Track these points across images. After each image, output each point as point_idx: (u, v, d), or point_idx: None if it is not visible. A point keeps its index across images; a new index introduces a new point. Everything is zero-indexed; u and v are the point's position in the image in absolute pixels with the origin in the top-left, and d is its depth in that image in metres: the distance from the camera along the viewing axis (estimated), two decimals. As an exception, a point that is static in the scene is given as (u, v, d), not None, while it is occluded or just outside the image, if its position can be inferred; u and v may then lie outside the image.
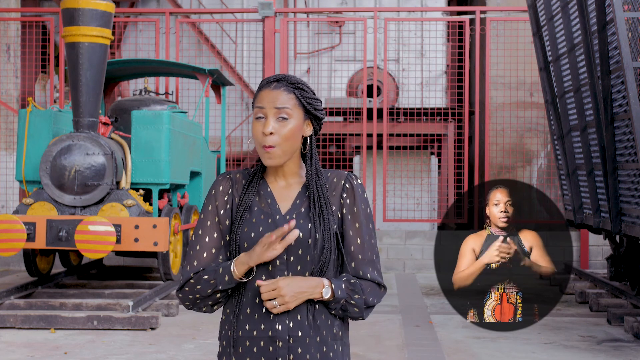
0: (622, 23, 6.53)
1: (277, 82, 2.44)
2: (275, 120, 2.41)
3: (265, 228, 2.43)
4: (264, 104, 2.42)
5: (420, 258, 11.95)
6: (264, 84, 2.46)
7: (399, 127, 13.20)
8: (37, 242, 8.18)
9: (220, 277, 2.41)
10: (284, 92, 2.43)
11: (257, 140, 2.42)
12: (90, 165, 8.47)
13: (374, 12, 12.74)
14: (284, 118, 2.41)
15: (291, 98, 2.43)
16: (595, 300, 8.72)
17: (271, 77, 2.47)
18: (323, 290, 2.39)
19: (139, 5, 15.40)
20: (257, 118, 2.43)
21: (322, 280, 2.40)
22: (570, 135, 8.80)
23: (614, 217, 7.41)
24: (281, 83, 2.44)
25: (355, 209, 2.49)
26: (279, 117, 2.41)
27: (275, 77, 2.46)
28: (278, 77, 2.46)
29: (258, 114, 2.43)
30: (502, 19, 12.94)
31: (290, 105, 2.42)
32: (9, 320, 7.49)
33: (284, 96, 2.42)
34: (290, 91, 2.44)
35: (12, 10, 13.10)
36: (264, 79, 2.48)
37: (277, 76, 2.46)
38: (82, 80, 8.40)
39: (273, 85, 2.44)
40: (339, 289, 2.41)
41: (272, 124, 2.40)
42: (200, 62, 13.97)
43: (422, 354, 6.65)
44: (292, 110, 2.42)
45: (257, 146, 2.43)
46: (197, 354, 6.65)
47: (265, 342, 2.40)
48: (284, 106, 2.41)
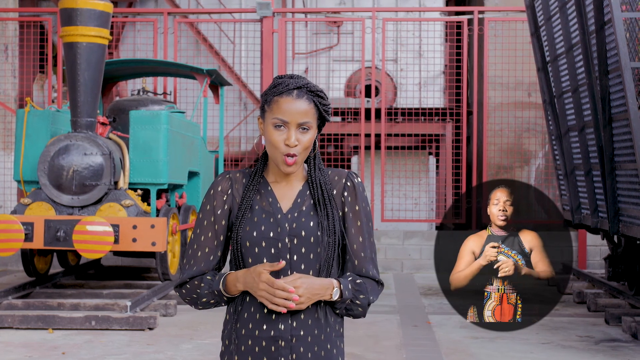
0: (620, 23, 6.53)
1: (298, 90, 2.42)
2: (296, 131, 2.42)
3: (266, 227, 2.44)
4: (287, 117, 2.40)
5: (418, 258, 11.95)
6: (283, 90, 2.42)
7: (397, 127, 13.20)
8: (35, 242, 8.18)
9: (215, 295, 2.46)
10: (305, 102, 2.42)
11: (277, 148, 2.42)
12: (88, 165, 8.47)
13: (372, 12, 12.74)
14: (304, 129, 2.43)
15: (311, 108, 2.43)
16: (593, 300, 8.72)
17: (290, 82, 2.43)
18: (333, 292, 2.42)
19: (137, 5, 15.39)
20: (277, 126, 2.42)
21: (332, 281, 2.42)
22: (568, 135, 8.81)
23: (612, 217, 7.42)
24: (302, 91, 2.42)
25: (357, 207, 2.51)
26: (300, 128, 2.42)
27: (295, 84, 2.42)
28: (299, 84, 2.43)
29: (278, 124, 2.42)
30: (500, 19, 12.95)
31: (311, 117, 2.43)
32: (6, 320, 7.48)
33: (306, 108, 2.42)
34: (310, 100, 2.43)
35: (10, 10, 13.09)
36: (281, 82, 2.43)
37: (297, 82, 2.43)
38: (80, 81, 8.39)
39: (295, 94, 2.42)
40: (347, 289, 2.43)
41: (295, 135, 2.41)
42: (199, 62, 13.96)
43: (420, 354, 6.65)
44: (312, 122, 2.44)
45: (276, 153, 2.43)
46: (195, 354, 6.64)
47: (267, 342, 2.42)
48: (307, 120, 2.42)
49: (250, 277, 2.38)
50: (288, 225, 2.44)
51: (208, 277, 2.47)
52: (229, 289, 2.44)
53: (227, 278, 2.44)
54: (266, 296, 2.35)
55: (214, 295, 2.46)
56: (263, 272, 2.35)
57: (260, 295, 2.36)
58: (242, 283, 2.40)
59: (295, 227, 2.44)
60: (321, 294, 2.40)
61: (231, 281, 2.43)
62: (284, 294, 2.34)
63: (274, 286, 2.34)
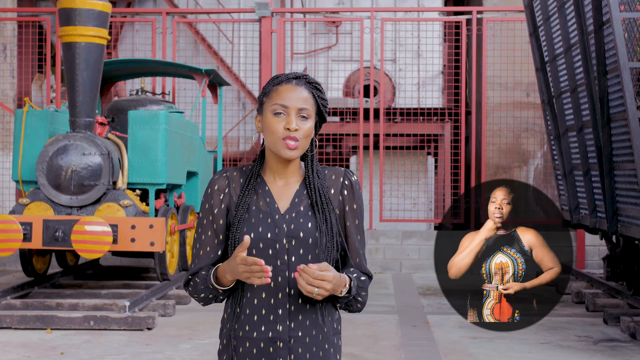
0: (618, 23, 6.54)
1: (297, 79, 2.44)
2: (296, 118, 2.42)
3: (264, 227, 2.44)
4: (287, 102, 2.41)
5: (416, 258, 11.95)
6: (283, 79, 2.45)
7: (396, 127, 13.21)
8: (34, 242, 8.17)
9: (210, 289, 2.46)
10: (305, 90, 2.44)
11: (276, 134, 2.41)
12: (86, 165, 8.46)
13: (371, 12, 12.74)
14: (304, 117, 2.43)
15: (310, 97, 2.45)
16: (592, 300, 8.72)
17: (289, 73, 2.47)
18: (344, 289, 2.41)
19: (135, 5, 15.39)
20: (277, 113, 2.42)
21: (346, 278, 2.41)
22: (566, 135, 8.81)
23: (611, 217, 7.42)
24: (301, 81, 2.45)
25: (355, 205, 2.53)
26: (300, 115, 2.42)
27: (294, 74, 2.46)
28: (297, 74, 2.46)
29: (278, 110, 2.42)
30: (498, 19, 12.95)
31: (310, 105, 2.44)
32: (5, 320, 7.48)
33: (306, 95, 2.43)
34: (309, 91, 2.45)
35: (9, 10, 13.09)
36: (280, 75, 2.47)
37: (296, 73, 2.46)
38: (78, 80, 8.39)
39: (294, 82, 2.44)
40: (354, 286, 2.44)
41: (295, 120, 2.41)
42: (197, 62, 13.96)
43: (418, 354, 6.65)
44: (311, 112, 2.44)
45: (275, 139, 2.42)
46: (194, 354, 6.64)
47: (265, 343, 2.43)
48: (306, 107, 2.42)
49: (232, 264, 2.37)
50: (286, 226, 2.44)
51: (203, 273, 2.48)
52: (221, 280, 2.44)
53: (217, 270, 2.45)
54: (246, 275, 2.33)
55: (209, 290, 2.47)
56: (238, 255, 2.33)
57: (243, 276, 2.34)
58: (229, 272, 2.40)
59: (293, 228, 2.44)
60: (338, 290, 2.39)
61: (221, 273, 2.43)
62: (258, 267, 2.31)
63: (247, 263, 2.31)
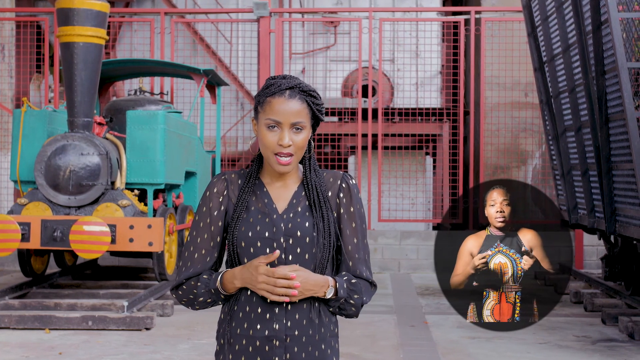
0: (616, 23, 6.54)
1: (290, 91, 2.42)
2: (289, 131, 2.41)
3: (262, 227, 2.45)
4: (280, 117, 2.40)
5: (415, 258, 11.95)
6: (275, 91, 2.42)
7: (394, 127, 13.21)
8: (32, 242, 8.17)
9: (212, 293, 2.46)
10: (298, 102, 2.42)
11: (269, 148, 2.42)
12: (85, 165, 8.46)
13: (369, 12, 12.74)
14: (298, 129, 2.42)
15: (304, 108, 2.43)
16: (590, 300, 8.73)
17: (283, 82, 2.43)
18: (327, 290, 2.43)
19: (133, 5, 15.38)
20: (270, 127, 2.41)
21: (328, 279, 2.43)
22: (565, 135, 8.82)
23: (609, 217, 7.43)
24: (294, 91, 2.42)
25: (352, 208, 2.52)
26: (294, 128, 2.42)
27: (287, 85, 2.42)
28: (291, 84, 2.42)
29: (271, 124, 2.41)
30: (497, 19, 12.96)
31: (304, 116, 2.42)
32: (3, 320, 7.47)
33: (299, 108, 2.41)
34: (303, 100, 2.43)
35: (7, 10, 13.08)
36: (274, 83, 2.43)
37: (289, 82, 2.43)
38: (76, 80, 8.38)
39: (287, 94, 2.41)
40: (342, 288, 2.44)
41: (288, 135, 2.40)
42: (195, 62, 13.95)
43: (417, 354, 6.65)
44: (306, 122, 2.43)
45: (268, 153, 2.43)
46: (193, 354, 6.64)
47: (261, 341, 2.42)
48: (300, 120, 2.41)
49: (248, 272, 2.38)
50: (284, 226, 2.45)
51: (204, 277, 2.47)
52: (226, 286, 2.44)
53: (224, 276, 2.44)
54: (266, 287, 2.35)
55: (210, 294, 2.46)
56: (260, 265, 2.36)
57: (260, 288, 2.36)
58: (239, 279, 2.40)
59: (290, 228, 2.44)
60: (315, 291, 2.40)
61: (228, 278, 2.43)
62: (285, 282, 2.34)
63: (274, 275, 2.34)
